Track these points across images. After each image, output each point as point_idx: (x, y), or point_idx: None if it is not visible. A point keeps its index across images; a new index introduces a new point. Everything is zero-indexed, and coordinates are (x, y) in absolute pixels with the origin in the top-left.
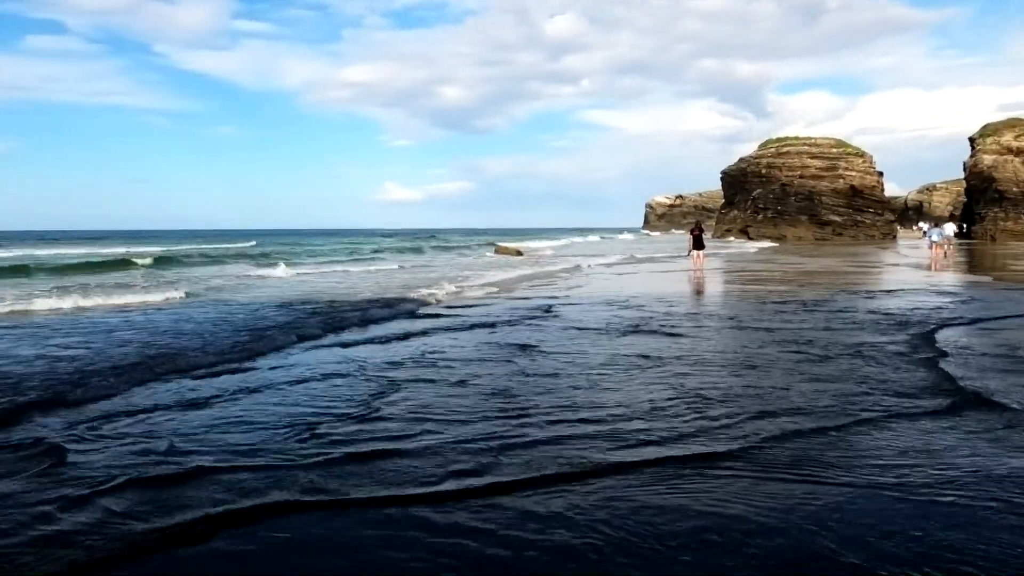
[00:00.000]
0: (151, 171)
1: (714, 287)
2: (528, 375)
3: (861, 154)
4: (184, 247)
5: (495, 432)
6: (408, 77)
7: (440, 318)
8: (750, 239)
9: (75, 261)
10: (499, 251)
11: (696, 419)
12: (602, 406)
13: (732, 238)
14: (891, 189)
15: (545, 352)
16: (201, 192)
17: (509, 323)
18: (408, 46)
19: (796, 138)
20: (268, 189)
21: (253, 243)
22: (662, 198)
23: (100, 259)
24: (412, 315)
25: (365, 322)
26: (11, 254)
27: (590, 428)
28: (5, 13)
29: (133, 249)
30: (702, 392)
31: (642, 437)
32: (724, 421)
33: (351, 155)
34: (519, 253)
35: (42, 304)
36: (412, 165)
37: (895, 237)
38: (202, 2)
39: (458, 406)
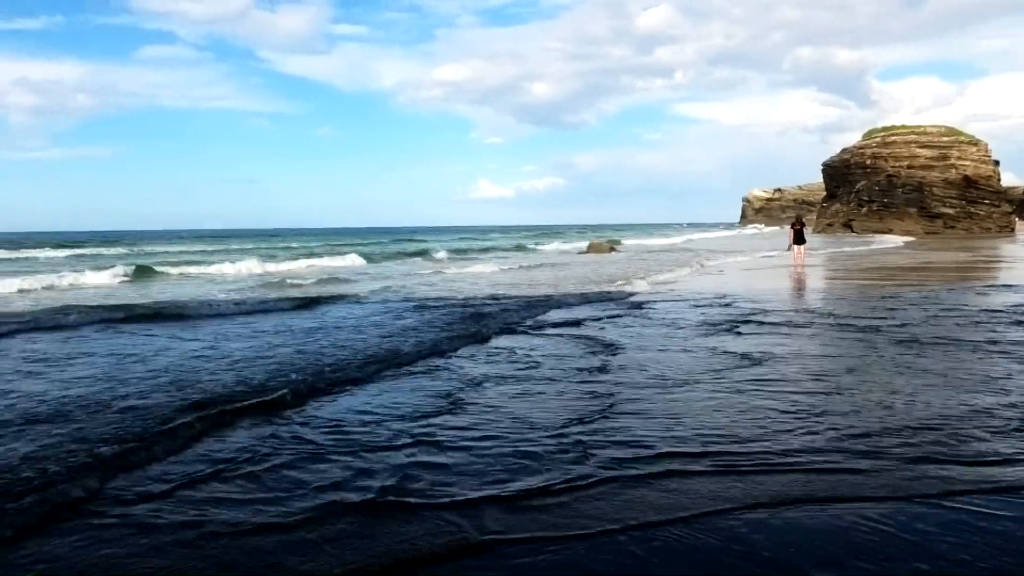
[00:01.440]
0: (255, 171)
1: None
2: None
3: (975, 142)
4: (319, 244)
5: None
6: (498, 74)
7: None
8: (853, 233)
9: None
10: (592, 248)
11: None
12: None
13: (855, 233)
14: (1007, 179)
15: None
16: (302, 191)
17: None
18: (499, 43)
19: (903, 127)
20: (364, 188)
21: (387, 240)
22: (759, 191)
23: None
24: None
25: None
26: (186, 248)
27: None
28: (122, 26)
29: (287, 245)
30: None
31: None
32: None
33: (444, 153)
34: (612, 249)
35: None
36: (503, 162)
37: (1013, 229)
38: (303, 8)
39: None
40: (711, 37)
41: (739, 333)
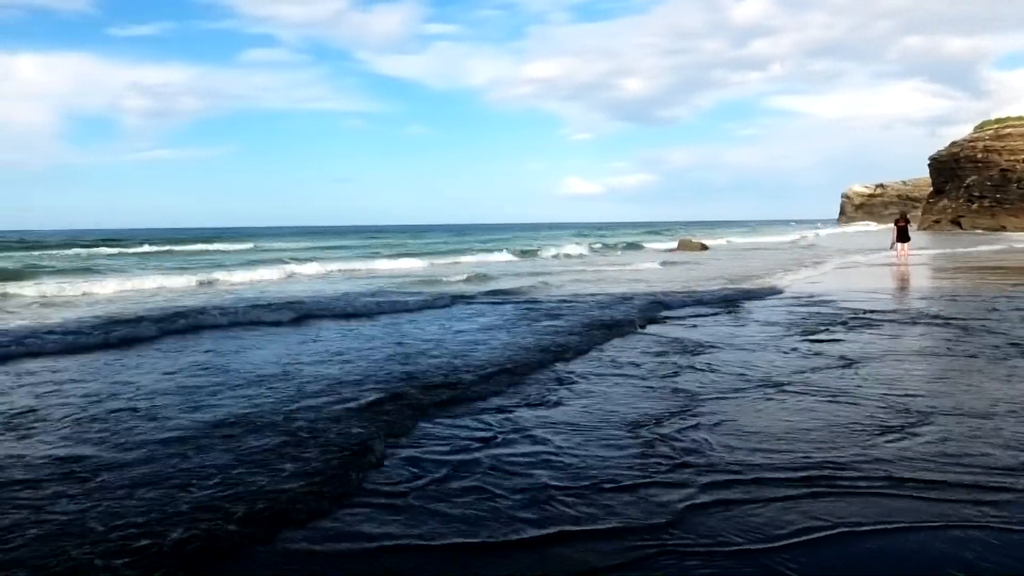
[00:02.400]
0: (351, 170)
1: None
2: None
3: None
4: (434, 241)
5: None
6: (589, 71)
7: None
8: (962, 230)
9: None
10: (681, 246)
11: None
12: None
13: (980, 231)
14: None
15: None
16: (395, 189)
17: None
18: (590, 40)
19: (1019, 118)
20: (454, 185)
21: (510, 236)
22: (860, 187)
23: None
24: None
25: None
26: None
27: None
28: (227, 30)
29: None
30: None
31: None
32: None
33: (533, 150)
34: (704, 247)
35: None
36: (592, 158)
37: None
38: (396, 9)
39: None
40: (810, 28)
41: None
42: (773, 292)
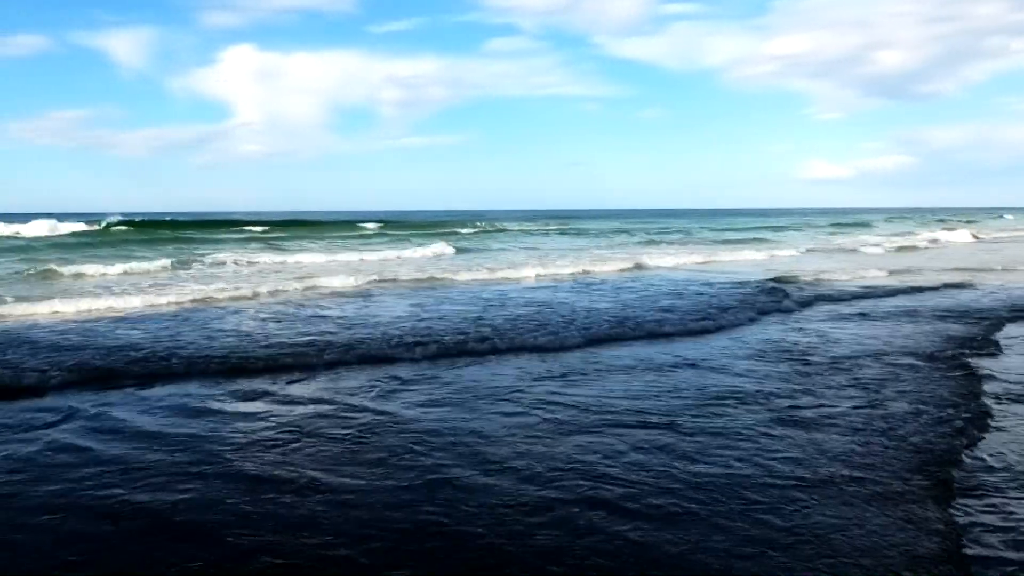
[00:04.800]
0: (584, 154)
1: None
2: None
3: None
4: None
5: None
6: (839, 44)
7: None
8: None
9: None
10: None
11: None
12: None
13: None
14: None
15: None
16: (628, 174)
17: None
18: (842, 11)
19: None
20: (688, 169)
21: (773, 220)
22: None
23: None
24: None
25: None
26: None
27: None
28: (472, 22)
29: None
30: None
31: None
32: None
33: (773, 131)
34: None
35: None
36: (841, 139)
37: None
38: None
39: None
40: None
41: None
42: None
